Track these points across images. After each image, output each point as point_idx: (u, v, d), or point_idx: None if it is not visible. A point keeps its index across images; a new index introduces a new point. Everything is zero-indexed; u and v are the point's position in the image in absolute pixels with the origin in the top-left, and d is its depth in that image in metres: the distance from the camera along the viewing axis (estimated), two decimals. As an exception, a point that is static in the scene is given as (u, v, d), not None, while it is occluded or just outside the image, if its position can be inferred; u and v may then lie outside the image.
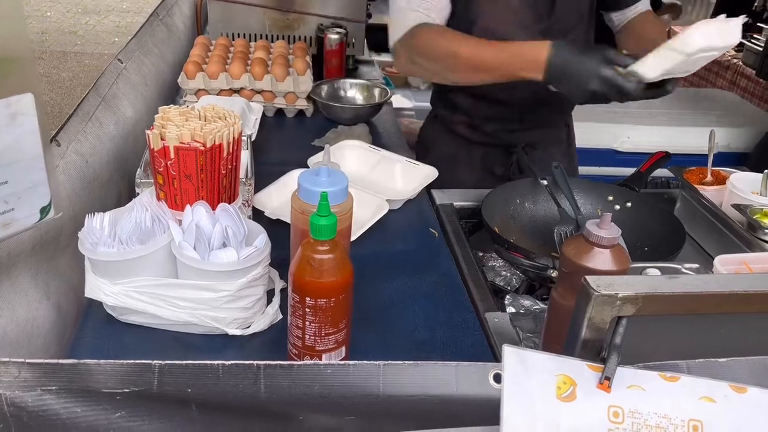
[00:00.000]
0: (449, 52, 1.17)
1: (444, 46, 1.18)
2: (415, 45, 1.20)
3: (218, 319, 0.89)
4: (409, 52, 1.22)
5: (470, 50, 1.16)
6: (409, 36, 1.21)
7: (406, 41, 1.22)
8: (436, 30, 1.21)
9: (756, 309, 0.74)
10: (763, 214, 1.19)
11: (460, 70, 1.19)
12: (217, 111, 0.98)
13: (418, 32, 1.20)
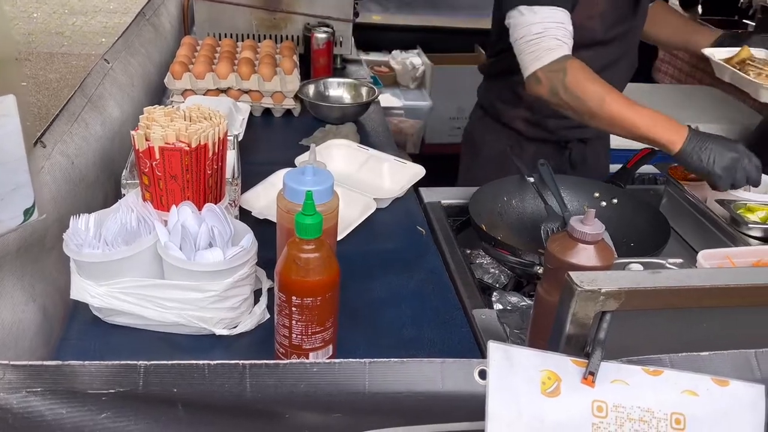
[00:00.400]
0: (599, 97, 1.24)
1: (595, 92, 1.24)
2: (566, 80, 1.25)
3: (205, 319, 0.89)
4: (556, 84, 1.27)
5: (616, 105, 1.24)
6: (560, 68, 1.26)
7: (554, 72, 1.26)
8: (588, 73, 1.27)
9: (737, 303, 0.75)
10: (746, 209, 1.20)
11: (601, 118, 1.26)
12: (202, 111, 0.98)
13: (570, 66, 1.26)
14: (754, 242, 1.15)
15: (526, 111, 1.57)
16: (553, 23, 1.27)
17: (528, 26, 1.28)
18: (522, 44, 1.29)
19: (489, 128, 1.66)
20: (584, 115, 1.28)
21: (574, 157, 1.63)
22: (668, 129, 1.22)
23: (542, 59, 1.26)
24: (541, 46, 1.27)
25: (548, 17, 1.27)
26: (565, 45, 1.28)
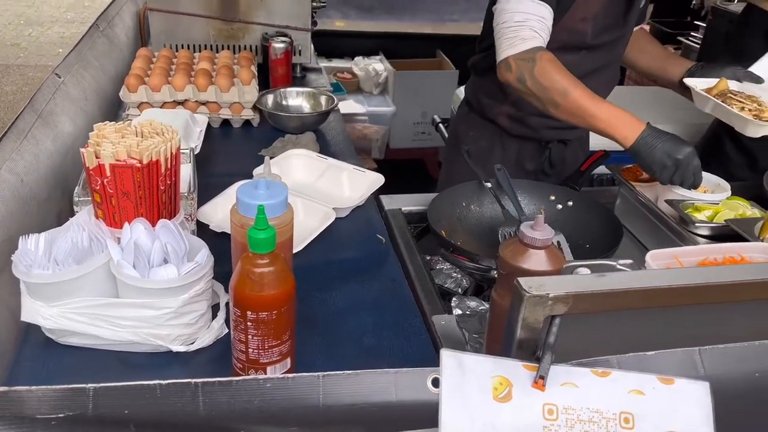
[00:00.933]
0: (563, 90, 1.28)
1: (561, 81, 1.28)
2: (535, 70, 1.29)
3: (161, 336, 0.88)
4: (524, 72, 1.31)
5: (579, 96, 1.28)
6: (530, 58, 1.30)
7: (524, 61, 1.30)
8: (556, 62, 1.31)
9: (680, 302, 0.77)
10: (694, 208, 1.24)
11: (564, 109, 1.31)
12: (154, 126, 0.97)
13: (540, 59, 1.29)
14: (702, 240, 1.19)
15: (510, 107, 1.60)
16: (535, 16, 1.31)
17: (511, 13, 1.32)
18: (502, 29, 1.33)
19: (473, 123, 1.69)
20: (548, 104, 1.31)
21: (554, 157, 1.66)
22: (625, 124, 1.26)
23: (516, 47, 1.30)
24: (518, 34, 1.30)
25: (532, 10, 1.31)
26: (540, 38, 1.31)
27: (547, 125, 1.59)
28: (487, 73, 1.60)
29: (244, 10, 1.97)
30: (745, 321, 0.83)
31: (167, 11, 1.93)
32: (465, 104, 1.74)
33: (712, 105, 1.33)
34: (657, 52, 1.64)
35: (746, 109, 1.30)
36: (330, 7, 3.75)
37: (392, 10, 3.89)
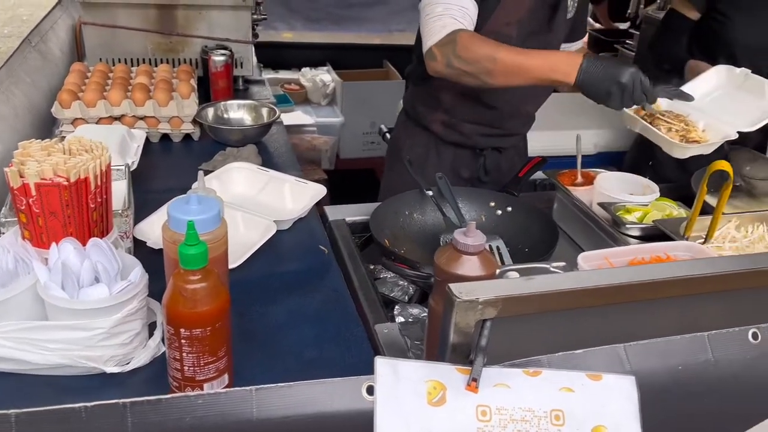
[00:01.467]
0: (489, 56, 1.27)
1: (484, 49, 1.27)
2: (456, 49, 1.28)
3: (93, 358, 0.86)
4: (448, 55, 1.29)
5: (508, 55, 1.27)
6: (450, 40, 1.29)
7: (445, 45, 1.29)
8: (476, 35, 1.30)
9: (605, 301, 0.80)
10: (625, 210, 1.28)
11: (498, 73, 1.28)
12: (83, 143, 0.95)
13: (459, 37, 1.28)
14: (633, 241, 1.23)
15: (443, 114, 1.62)
16: (456, 6, 1.32)
17: (433, 5, 1.33)
18: (424, 22, 1.34)
19: (410, 132, 1.71)
20: (482, 75, 1.29)
21: (489, 164, 1.70)
22: (562, 63, 1.26)
23: (437, 35, 1.30)
24: (438, 24, 1.31)
25: (453, 1, 1.32)
26: (460, 24, 1.31)
27: (480, 132, 1.62)
28: (422, 81, 1.63)
29: (183, 23, 1.95)
30: (668, 317, 0.87)
31: (103, 25, 1.89)
32: (403, 113, 1.77)
33: (641, 126, 1.36)
34: None
35: (673, 130, 1.34)
36: (276, 19, 3.74)
37: (339, 21, 3.91)
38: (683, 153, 1.32)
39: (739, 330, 0.83)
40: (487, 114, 1.59)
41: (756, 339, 0.83)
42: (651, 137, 1.37)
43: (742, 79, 1.46)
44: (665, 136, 1.31)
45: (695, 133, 1.34)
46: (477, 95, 1.55)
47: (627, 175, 1.43)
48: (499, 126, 1.63)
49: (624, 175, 1.43)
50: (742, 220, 1.25)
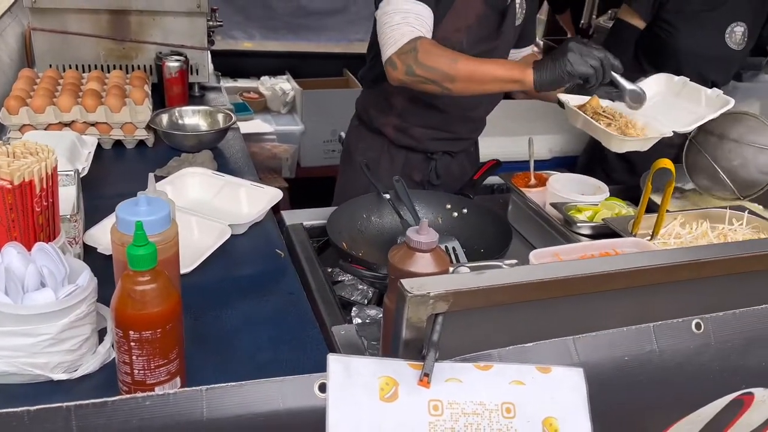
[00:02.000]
0: (449, 63, 1.30)
1: (445, 57, 1.30)
2: (418, 56, 1.30)
3: (39, 365, 0.84)
4: (409, 63, 1.31)
5: (468, 62, 1.31)
6: (411, 48, 1.31)
7: (406, 53, 1.31)
8: (436, 43, 1.33)
9: (552, 294, 0.82)
10: (576, 210, 1.32)
11: (459, 79, 1.31)
12: (28, 147, 0.93)
13: (419, 44, 1.31)
14: (584, 239, 1.27)
15: (395, 118, 1.64)
16: (413, 14, 1.34)
17: (391, 15, 1.35)
18: (383, 31, 1.36)
19: (362, 135, 1.73)
20: (444, 81, 1.32)
21: (440, 168, 1.72)
22: (517, 67, 1.33)
23: (397, 44, 1.32)
24: (397, 32, 1.33)
25: (410, 9, 1.34)
26: (419, 31, 1.33)
27: (431, 136, 1.64)
28: (374, 84, 1.65)
29: (136, 29, 1.92)
30: (615, 309, 0.89)
31: (52, 31, 1.85)
32: (356, 117, 1.79)
33: (582, 120, 1.41)
34: None
35: (613, 126, 1.39)
36: (234, 27, 3.72)
37: (297, 30, 3.91)
38: (620, 146, 1.35)
39: (683, 321, 0.85)
40: (438, 118, 1.62)
41: (699, 329, 0.86)
42: (591, 131, 1.41)
43: (681, 87, 1.53)
44: (605, 129, 1.35)
45: (633, 129, 1.39)
46: (429, 100, 1.57)
47: (578, 176, 1.47)
48: (449, 130, 1.66)
49: (575, 176, 1.47)
50: (686, 217, 1.30)
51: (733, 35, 1.88)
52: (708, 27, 1.88)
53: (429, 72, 1.31)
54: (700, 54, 1.87)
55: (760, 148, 1.41)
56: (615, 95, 1.43)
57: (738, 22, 1.87)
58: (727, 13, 1.87)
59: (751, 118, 1.45)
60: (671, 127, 1.39)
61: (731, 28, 1.87)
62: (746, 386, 0.90)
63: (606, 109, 1.45)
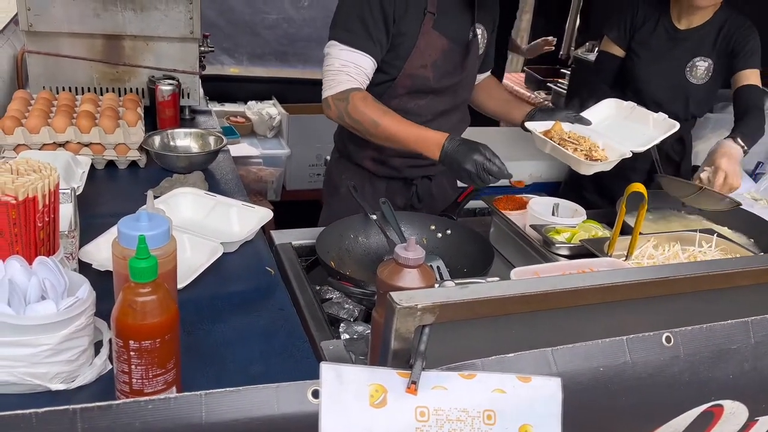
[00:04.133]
0: (372, 121, 1.47)
1: (369, 115, 1.47)
2: (348, 107, 1.48)
3: (38, 375, 0.86)
4: (341, 110, 1.49)
5: (388, 126, 1.46)
6: (344, 98, 1.48)
7: (340, 101, 1.49)
8: (366, 100, 1.48)
9: (533, 308, 0.87)
10: (554, 231, 1.38)
11: (377, 137, 1.49)
12: (31, 164, 0.97)
13: (351, 97, 1.48)
14: (562, 259, 1.32)
15: (373, 151, 1.71)
16: (353, 64, 1.49)
17: (334, 59, 1.50)
18: (325, 72, 1.52)
19: (344, 168, 1.80)
20: (365, 135, 1.50)
21: (421, 191, 1.79)
22: (430, 143, 1.43)
23: (334, 89, 1.49)
24: (336, 78, 1.49)
25: (351, 59, 1.49)
26: (356, 81, 1.49)
27: (409, 164, 1.72)
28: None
29: (130, 54, 1.97)
30: (591, 323, 0.94)
31: (47, 54, 1.89)
32: (335, 150, 1.86)
33: (550, 146, 1.50)
34: (503, 98, 1.84)
35: (579, 150, 1.48)
36: (222, 53, 3.79)
37: (284, 57, 3.99)
38: (588, 170, 1.46)
39: (654, 334, 0.91)
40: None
41: (669, 342, 0.91)
42: (559, 156, 1.50)
43: (629, 111, 1.66)
44: (573, 155, 1.44)
45: (597, 152, 1.48)
46: None
47: (557, 200, 1.53)
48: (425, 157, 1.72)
49: (554, 200, 1.53)
50: (659, 239, 1.36)
51: (695, 69, 1.97)
52: (668, 59, 1.98)
53: (355, 123, 1.49)
54: (659, 84, 1.98)
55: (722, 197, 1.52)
56: (573, 119, 1.54)
57: (702, 57, 1.96)
58: (690, 49, 1.97)
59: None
60: (628, 146, 1.49)
61: (693, 62, 1.97)
62: (715, 398, 0.95)
63: (570, 134, 1.54)
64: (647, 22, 1.98)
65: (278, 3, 3.81)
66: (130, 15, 1.90)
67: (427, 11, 1.52)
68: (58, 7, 1.84)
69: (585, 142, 1.50)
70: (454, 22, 1.57)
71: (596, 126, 1.62)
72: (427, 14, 1.52)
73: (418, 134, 1.45)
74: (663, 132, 1.56)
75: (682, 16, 1.96)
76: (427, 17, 1.52)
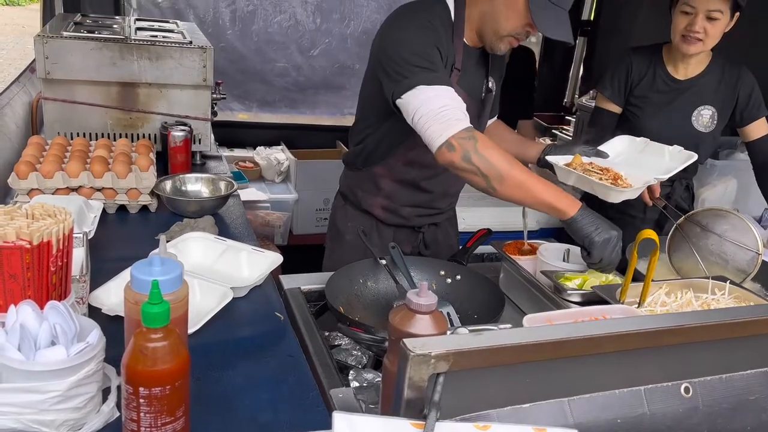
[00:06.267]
0: (506, 165, 1.33)
1: (504, 158, 1.34)
2: (477, 145, 1.33)
3: (45, 422, 0.85)
4: (468, 150, 1.33)
5: (522, 171, 1.34)
6: (470, 136, 1.34)
7: (466, 139, 1.33)
8: (494, 142, 1.37)
9: (549, 356, 0.86)
10: (565, 278, 1.37)
11: (508, 184, 1.33)
12: (46, 209, 0.98)
13: (479, 136, 1.35)
14: (574, 306, 1.31)
15: (384, 199, 1.72)
16: (452, 101, 1.38)
17: (429, 101, 1.36)
18: (427, 118, 1.36)
19: (350, 215, 1.80)
20: (494, 179, 1.33)
21: (427, 239, 1.81)
22: (566, 198, 1.35)
23: (453, 128, 1.34)
24: (449, 116, 1.35)
25: (446, 94, 1.38)
26: (467, 117, 1.38)
27: (418, 214, 1.74)
28: (361, 167, 1.73)
29: (144, 100, 2.01)
30: (608, 372, 0.92)
31: (63, 101, 1.93)
32: (340, 197, 1.86)
33: (575, 177, 1.50)
34: (515, 138, 1.86)
35: (603, 179, 1.48)
36: (232, 99, 3.86)
37: (293, 104, 4.06)
38: (618, 197, 1.45)
39: (672, 385, 0.89)
40: (423, 197, 1.72)
41: (687, 393, 0.90)
42: (585, 187, 1.49)
43: (643, 146, 1.68)
44: (601, 182, 1.44)
45: (623, 180, 1.48)
46: (415, 182, 1.69)
47: (568, 246, 1.52)
48: (433, 207, 1.76)
49: (565, 246, 1.53)
50: (671, 286, 1.35)
51: (701, 118, 2.00)
52: (673, 111, 2.01)
53: (485, 165, 1.33)
54: (667, 136, 1.98)
55: (741, 246, 1.49)
56: (590, 152, 1.54)
57: (705, 105, 1.99)
58: (692, 98, 2.00)
59: (735, 217, 1.54)
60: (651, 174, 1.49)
61: (698, 111, 1.99)
62: (734, 451, 0.93)
63: (593, 164, 1.54)
64: (645, 76, 2.02)
65: (288, 52, 3.91)
66: (145, 63, 1.95)
67: (454, 67, 1.53)
68: (76, 56, 1.89)
69: (608, 172, 1.51)
70: (472, 78, 1.60)
71: (613, 160, 1.62)
72: (454, 70, 1.53)
73: (551, 186, 1.35)
74: (681, 162, 1.56)
75: (678, 66, 2.00)
76: (454, 73, 1.53)
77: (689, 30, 1.84)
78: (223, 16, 3.71)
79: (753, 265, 1.47)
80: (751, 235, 1.48)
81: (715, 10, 1.80)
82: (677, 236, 1.60)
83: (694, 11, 1.82)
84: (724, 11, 1.81)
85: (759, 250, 1.47)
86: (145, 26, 2.29)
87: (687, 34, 1.85)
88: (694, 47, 1.87)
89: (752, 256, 1.47)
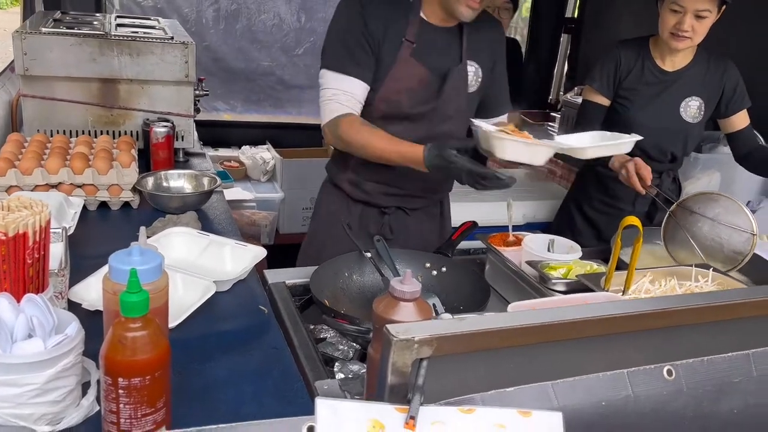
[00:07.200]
0: (360, 145, 1.57)
1: (356, 138, 1.57)
2: (337, 132, 1.58)
3: (23, 416, 0.83)
4: (334, 136, 1.60)
5: (374, 146, 1.55)
6: (334, 124, 1.58)
7: (331, 128, 1.59)
8: (352, 124, 1.57)
9: (532, 340, 0.86)
10: (550, 267, 1.37)
11: (371, 159, 1.59)
12: (22, 201, 0.96)
13: (340, 123, 1.58)
14: (559, 295, 1.31)
15: (351, 173, 1.75)
16: (341, 91, 1.57)
17: (324, 89, 1.60)
18: (320, 103, 1.63)
19: (327, 190, 1.86)
20: (364, 157, 1.60)
21: (393, 223, 1.79)
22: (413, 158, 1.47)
23: (326, 117, 1.59)
24: (328, 107, 1.59)
25: (340, 86, 1.57)
26: (346, 107, 1.58)
27: (382, 191, 1.75)
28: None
29: (125, 97, 1.99)
30: (592, 355, 0.92)
31: (43, 98, 1.90)
32: (326, 172, 1.90)
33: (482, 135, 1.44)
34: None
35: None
36: (216, 99, 3.84)
37: (278, 103, 4.04)
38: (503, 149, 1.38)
39: (655, 367, 0.89)
40: (387, 174, 1.70)
41: (670, 375, 0.90)
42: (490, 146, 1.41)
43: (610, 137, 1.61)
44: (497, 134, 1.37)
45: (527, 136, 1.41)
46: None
47: (552, 237, 1.53)
48: (399, 186, 1.74)
49: (549, 236, 1.53)
50: (655, 274, 1.35)
51: (688, 109, 2.01)
52: (661, 102, 2.02)
53: (348, 146, 1.60)
54: (655, 127, 2.00)
55: (735, 228, 1.50)
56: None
57: (693, 96, 2.01)
58: (680, 89, 2.01)
59: (727, 199, 1.54)
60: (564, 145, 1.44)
61: (686, 102, 2.01)
62: (720, 434, 0.93)
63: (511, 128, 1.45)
64: (633, 69, 2.02)
65: (271, 51, 3.89)
66: (126, 59, 1.93)
67: (405, 39, 1.58)
68: (55, 52, 1.87)
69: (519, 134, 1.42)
70: (435, 54, 1.61)
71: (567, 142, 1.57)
72: (404, 42, 1.57)
73: (399, 151, 1.51)
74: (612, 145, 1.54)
75: (665, 58, 2.01)
76: (405, 45, 1.58)
77: (678, 29, 1.85)
78: (207, 15, 3.69)
79: (749, 245, 1.47)
80: (743, 215, 1.49)
81: (704, 9, 1.81)
82: (671, 224, 1.60)
83: (683, 10, 1.83)
84: (712, 9, 1.82)
85: (753, 230, 1.47)
86: (126, 23, 2.26)
87: (676, 32, 1.86)
88: (683, 44, 1.89)
89: (747, 237, 1.47)
